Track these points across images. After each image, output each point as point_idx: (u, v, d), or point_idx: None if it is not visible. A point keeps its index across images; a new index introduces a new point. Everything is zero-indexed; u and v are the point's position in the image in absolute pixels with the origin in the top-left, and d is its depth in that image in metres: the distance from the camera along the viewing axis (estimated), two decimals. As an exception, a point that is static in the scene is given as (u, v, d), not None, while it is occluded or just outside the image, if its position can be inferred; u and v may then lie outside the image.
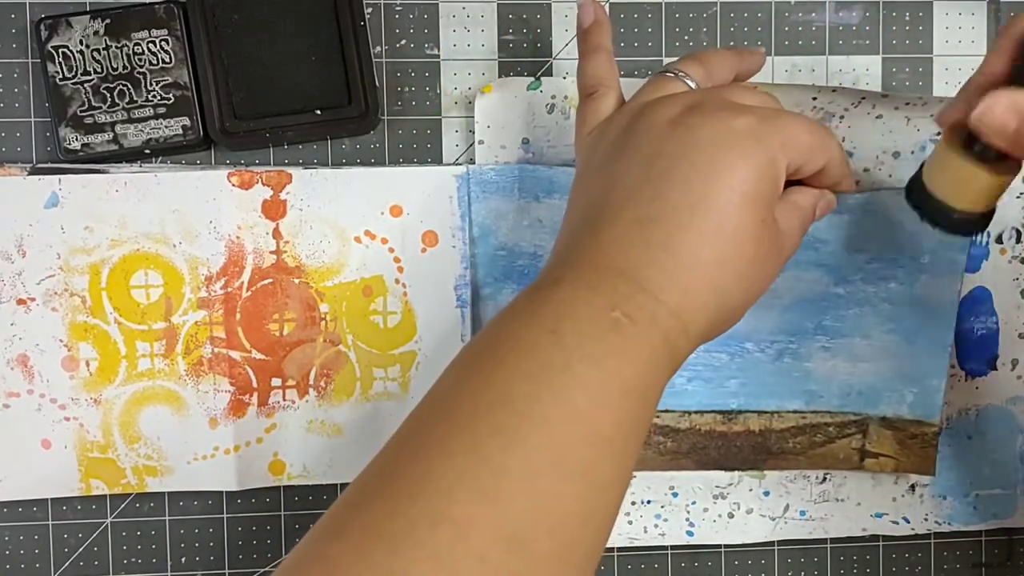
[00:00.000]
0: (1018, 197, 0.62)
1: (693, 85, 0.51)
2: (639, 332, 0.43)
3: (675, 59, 0.53)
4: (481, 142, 0.61)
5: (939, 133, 0.60)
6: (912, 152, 0.61)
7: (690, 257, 0.45)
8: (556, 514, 0.39)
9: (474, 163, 0.61)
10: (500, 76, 0.62)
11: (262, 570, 0.62)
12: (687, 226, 0.45)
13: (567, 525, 0.40)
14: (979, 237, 0.62)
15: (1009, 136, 0.46)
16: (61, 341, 0.59)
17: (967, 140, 0.48)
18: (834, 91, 0.60)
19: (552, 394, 0.41)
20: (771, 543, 0.64)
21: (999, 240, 0.62)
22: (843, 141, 0.60)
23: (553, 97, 0.61)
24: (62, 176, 0.58)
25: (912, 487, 0.64)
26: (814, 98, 0.60)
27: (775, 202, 0.48)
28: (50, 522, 0.61)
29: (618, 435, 0.42)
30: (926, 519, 0.64)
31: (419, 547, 0.37)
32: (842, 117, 0.60)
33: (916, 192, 0.51)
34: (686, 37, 0.63)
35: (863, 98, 0.60)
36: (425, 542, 0.37)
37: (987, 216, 0.50)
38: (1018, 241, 0.62)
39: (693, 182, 0.45)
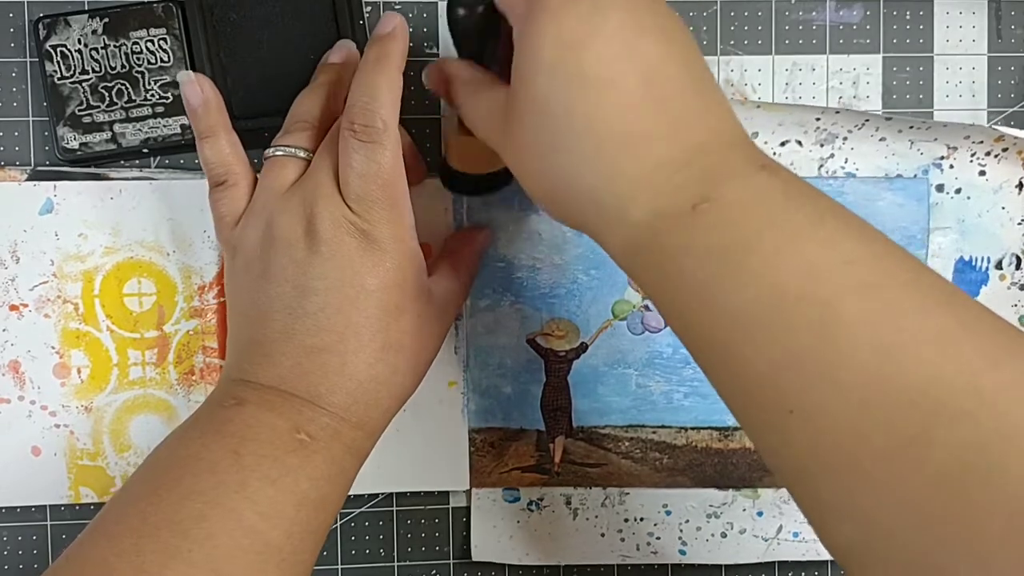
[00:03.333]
0: (1019, 224, 0.61)
1: (303, 155, 0.52)
2: (321, 447, 0.48)
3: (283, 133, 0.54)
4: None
5: (942, 157, 0.60)
6: (915, 175, 0.61)
7: (366, 377, 0.49)
8: None
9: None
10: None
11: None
12: (357, 351, 0.49)
13: None
14: (979, 263, 0.61)
15: (449, 99, 0.52)
16: (53, 348, 0.59)
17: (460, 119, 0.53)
18: (837, 112, 0.59)
19: (221, 512, 0.44)
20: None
21: (999, 266, 0.61)
22: (845, 163, 0.60)
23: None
24: (57, 182, 0.58)
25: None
26: (817, 119, 0.59)
27: (423, 287, 0.52)
28: (48, 523, 0.60)
29: (288, 543, 0.45)
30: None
31: None
32: (845, 139, 0.60)
33: (442, 169, 0.57)
34: (688, 39, 0.62)
35: (866, 120, 0.60)
36: None
37: (496, 176, 0.56)
38: (1018, 267, 0.61)
39: (349, 312, 0.49)
